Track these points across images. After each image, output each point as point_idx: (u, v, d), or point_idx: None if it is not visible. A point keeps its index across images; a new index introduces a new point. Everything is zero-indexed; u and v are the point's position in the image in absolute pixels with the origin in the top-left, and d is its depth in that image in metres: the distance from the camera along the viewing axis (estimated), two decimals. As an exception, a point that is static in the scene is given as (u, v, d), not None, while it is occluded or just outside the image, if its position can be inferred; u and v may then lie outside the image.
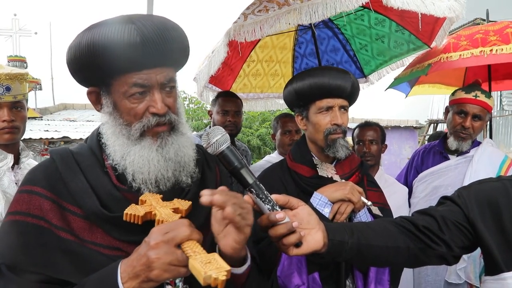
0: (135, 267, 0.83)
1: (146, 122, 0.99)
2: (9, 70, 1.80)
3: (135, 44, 0.92)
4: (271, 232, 0.95)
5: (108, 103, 1.01)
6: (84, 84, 1.06)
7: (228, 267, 0.77)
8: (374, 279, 1.47)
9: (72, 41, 0.99)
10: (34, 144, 6.65)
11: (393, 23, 2.77)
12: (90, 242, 0.96)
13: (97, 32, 0.93)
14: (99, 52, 0.93)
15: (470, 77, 3.41)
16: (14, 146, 1.86)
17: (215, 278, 0.74)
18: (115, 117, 1.01)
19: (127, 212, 0.92)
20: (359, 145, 2.55)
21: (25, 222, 0.95)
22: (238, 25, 1.85)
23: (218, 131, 0.96)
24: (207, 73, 2.01)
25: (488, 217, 1.11)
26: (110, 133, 1.02)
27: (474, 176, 2.31)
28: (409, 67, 2.93)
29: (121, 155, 1.00)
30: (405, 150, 9.74)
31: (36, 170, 1.05)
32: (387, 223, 1.16)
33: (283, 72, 3.32)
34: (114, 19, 0.96)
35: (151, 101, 0.98)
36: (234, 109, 2.71)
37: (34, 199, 0.97)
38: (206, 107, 10.70)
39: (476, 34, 2.53)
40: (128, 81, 0.96)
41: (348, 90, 1.53)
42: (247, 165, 0.96)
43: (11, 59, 13.09)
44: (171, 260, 0.80)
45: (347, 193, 1.45)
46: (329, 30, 3.03)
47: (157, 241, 0.81)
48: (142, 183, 1.00)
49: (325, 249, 1.01)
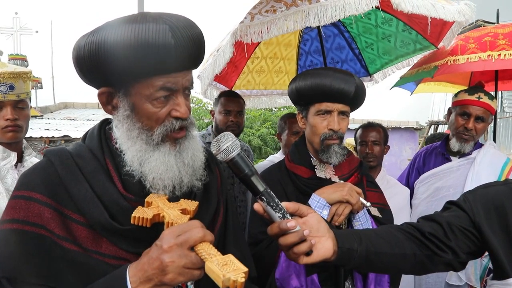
0: (146, 271, 0.80)
1: (169, 126, 0.95)
2: (12, 68, 1.80)
3: (169, 46, 0.87)
4: (281, 240, 0.92)
5: (125, 105, 0.95)
6: (94, 84, 0.99)
7: (246, 269, 0.76)
8: (374, 281, 1.47)
9: (91, 37, 0.90)
10: (35, 143, 6.64)
11: (400, 23, 2.74)
12: (94, 252, 0.92)
13: (129, 30, 0.86)
14: (129, 51, 0.86)
15: (477, 77, 3.39)
16: (17, 144, 1.87)
17: (234, 281, 0.73)
18: (133, 121, 0.95)
19: (135, 215, 0.89)
20: (362, 146, 2.55)
21: (23, 230, 0.89)
22: (245, 26, 1.83)
23: (228, 137, 0.93)
24: (212, 72, 2.00)
25: (494, 221, 1.10)
26: (125, 137, 0.97)
27: (476, 178, 2.31)
28: (415, 66, 2.90)
29: (139, 161, 0.96)
30: (406, 151, 9.72)
31: (32, 173, 0.97)
32: (394, 229, 1.15)
33: (287, 69, 3.30)
34: (143, 17, 0.90)
35: (175, 105, 0.95)
36: (236, 109, 2.70)
37: (33, 206, 0.91)
38: (207, 107, 10.67)
39: (485, 36, 2.49)
40: (155, 84, 0.91)
41: (351, 95, 1.49)
42: (257, 172, 0.94)
43: (12, 57, 13.08)
44: (185, 263, 0.79)
45: (345, 194, 1.43)
46: (334, 28, 3.01)
47: (170, 244, 0.79)
48: (162, 190, 0.97)
49: (334, 257, 0.99)
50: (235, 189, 2.71)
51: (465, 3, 2.16)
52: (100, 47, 0.88)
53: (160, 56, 0.87)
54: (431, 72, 2.58)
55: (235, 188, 2.71)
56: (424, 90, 3.89)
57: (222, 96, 2.76)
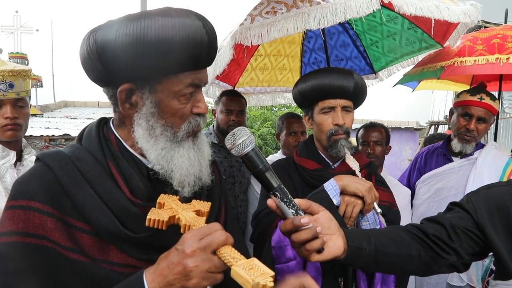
0: (166, 276, 0.78)
1: (194, 123, 0.96)
2: (12, 66, 1.78)
3: (204, 43, 0.89)
4: (294, 237, 0.93)
5: (150, 102, 0.92)
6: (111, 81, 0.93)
7: (272, 272, 0.76)
8: (380, 281, 1.46)
9: (124, 29, 0.85)
10: (35, 141, 6.64)
11: (405, 21, 2.71)
12: (103, 261, 0.88)
13: (166, 24, 0.85)
14: (166, 45, 0.84)
15: (479, 76, 3.34)
16: (16, 143, 1.85)
17: (263, 285, 0.72)
18: (157, 118, 0.93)
19: (150, 218, 0.85)
20: (364, 146, 2.54)
21: (24, 243, 0.83)
22: (245, 28, 1.81)
23: (244, 132, 0.92)
24: (213, 73, 1.99)
25: (497, 222, 1.10)
26: (147, 136, 0.94)
27: (478, 178, 2.30)
28: (420, 65, 2.87)
29: (165, 158, 0.94)
30: (406, 151, 9.72)
31: (29, 180, 0.89)
32: (399, 230, 1.16)
33: (291, 66, 3.28)
34: (176, 12, 0.89)
35: (196, 101, 0.96)
36: (238, 108, 2.69)
37: (33, 216, 0.84)
38: (208, 106, 10.66)
39: (493, 38, 2.44)
40: (185, 81, 0.91)
41: (351, 90, 1.54)
42: (271, 168, 0.93)
43: (12, 56, 13.05)
44: (209, 267, 0.77)
45: (365, 190, 1.39)
46: (339, 25, 2.97)
47: (194, 249, 0.77)
48: (185, 186, 0.96)
49: (344, 255, 1.00)
50: (236, 189, 2.70)
51: (471, 3, 2.13)
52: (137, 40, 0.84)
53: (195, 52, 0.89)
54: (437, 73, 2.54)
55: (235, 188, 2.70)
56: (426, 87, 3.88)
57: (224, 96, 2.75)
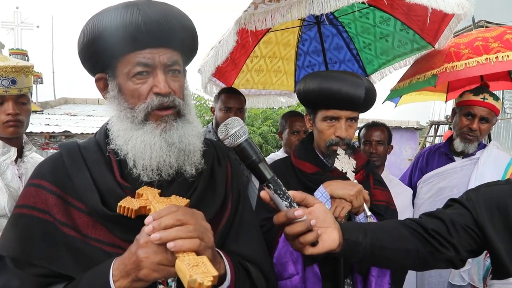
0: (126, 265, 0.82)
1: (149, 102, 0.97)
2: (15, 62, 1.77)
3: (137, 23, 0.93)
4: (287, 229, 0.91)
5: (113, 86, 1.01)
6: (93, 73, 1.07)
7: (216, 273, 0.73)
8: (375, 282, 1.45)
9: (80, 31, 1.01)
10: (35, 138, 6.63)
11: (398, 22, 2.75)
12: (93, 239, 0.95)
13: (101, 17, 0.96)
14: (102, 34, 0.95)
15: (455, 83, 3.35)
16: (17, 139, 1.84)
17: (200, 283, 0.70)
18: (120, 101, 1.00)
19: (120, 205, 0.90)
20: (366, 145, 2.54)
21: (31, 215, 0.95)
22: (249, 14, 1.83)
23: (237, 122, 0.91)
24: (214, 63, 1.99)
25: (496, 220, 1.10)
26: (115, 119, 1.02)
27: (480, 178, 2.30)
28: (406, 77, 2.80)
29: (124, 140, 0.99)
30: (406, 151, 9.71)
31: (44, 163, 1.05)
32: (398, 225, 1.15)
33: (286, 69, 3.29)
34: (119, 5, 0.98)
35: (155, 81, 0.98)
36: (237, 106, 2.67)
37: (41, 193, 0.97)
38: (208, 104, 10.65)
39: (475, 41, 2.45)
40: (132, 61, 0.97)
41: (360, 102, 1.44)
42: (265, 159, 0.92)
43: (12, 52, 13.02)
44: (160, 259, 0.78)
45: (352, 194, 1.39)
46: (333, 28, 3.00)
47: (147, 240, 0.78)
48: (143, 170, 0.98)
49: (339, 248, 0.98)
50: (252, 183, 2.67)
51: None
52: (87, 35, 0.98)
53: (130, 33, 0.93)
54: (432, 81, 2.50)
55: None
56: (407, 101, 3.80)
57: (223, 93, 2.73)
